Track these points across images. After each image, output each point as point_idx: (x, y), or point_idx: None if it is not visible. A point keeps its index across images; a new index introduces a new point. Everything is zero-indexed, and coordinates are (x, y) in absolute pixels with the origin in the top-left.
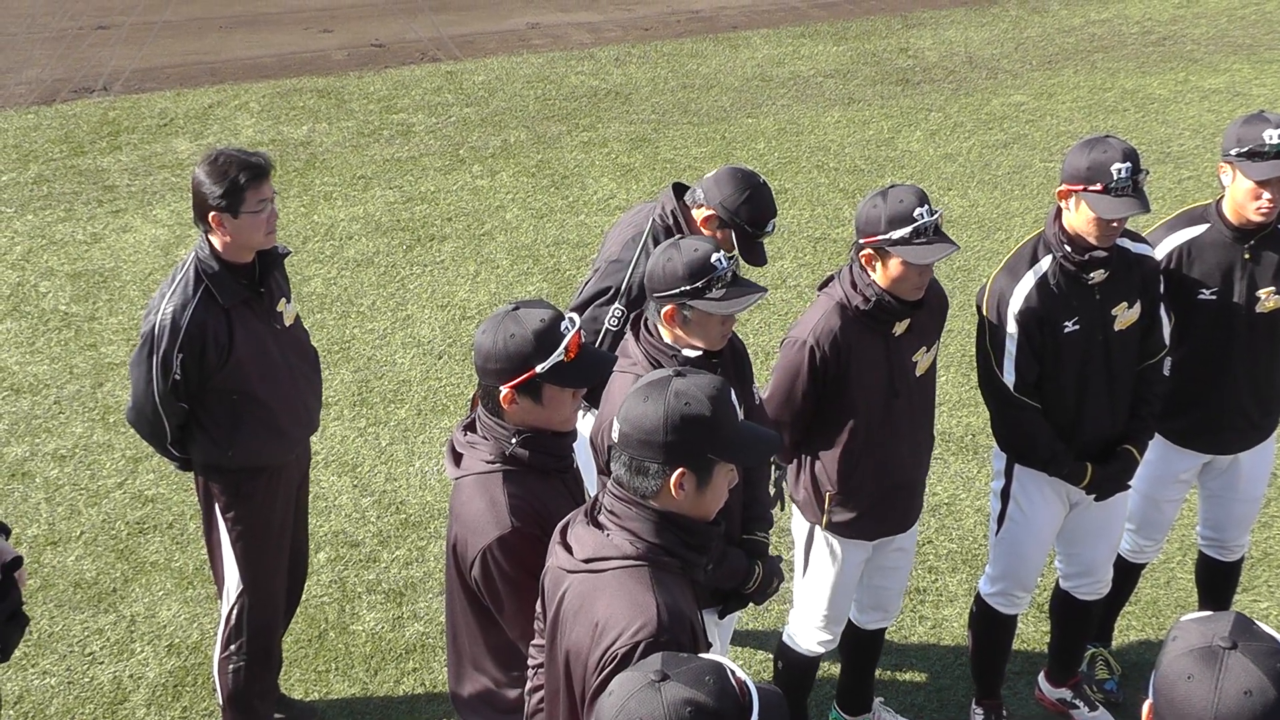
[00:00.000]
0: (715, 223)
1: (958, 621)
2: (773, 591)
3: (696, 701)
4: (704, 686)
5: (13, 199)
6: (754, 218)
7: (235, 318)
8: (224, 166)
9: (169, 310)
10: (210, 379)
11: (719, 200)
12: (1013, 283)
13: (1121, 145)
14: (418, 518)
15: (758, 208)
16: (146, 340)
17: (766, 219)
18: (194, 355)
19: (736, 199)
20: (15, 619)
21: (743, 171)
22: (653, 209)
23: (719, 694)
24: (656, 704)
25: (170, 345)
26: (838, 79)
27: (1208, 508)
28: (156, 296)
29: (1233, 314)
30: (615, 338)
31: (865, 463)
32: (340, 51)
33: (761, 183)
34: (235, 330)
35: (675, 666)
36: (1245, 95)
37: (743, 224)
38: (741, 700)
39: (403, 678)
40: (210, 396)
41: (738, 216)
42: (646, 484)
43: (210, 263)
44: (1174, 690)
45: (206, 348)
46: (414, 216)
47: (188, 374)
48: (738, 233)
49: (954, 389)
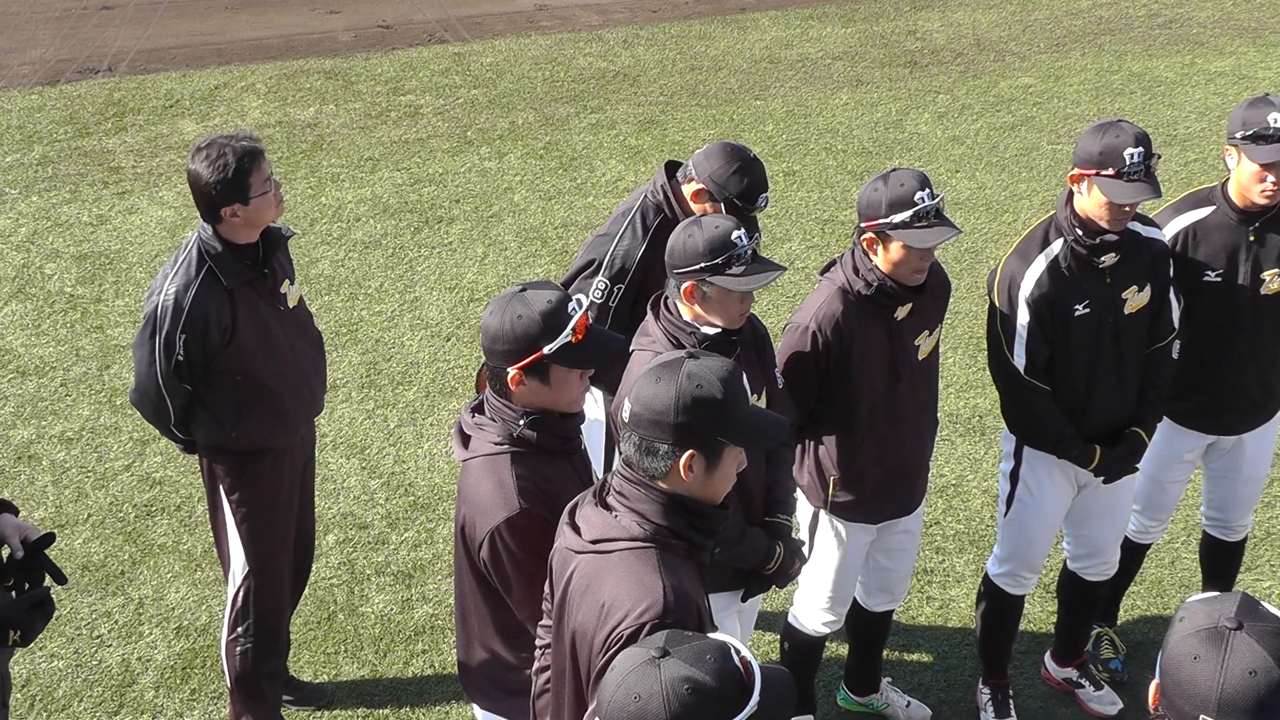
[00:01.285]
0: (705, 197)
1: (965, 602)
2: (795, 573)
3: (695, 679)
4: (704, 664)
5: (17, 180)
6: (744, 191)
7: (238, 298)
8: (220, 158)
9: (171, 291)
10: (213, 360)
11: (708, 174)
12: (1024, 266)
13: (1134, 130)
14: (426, 499)
15: (748, 182)
16: (149, 321)
17: (757, 193)
18: (197, 336)
19: (726, 172)
20: (42, 607)
21: (733, 146)
22: (647, 187)
23: (719, 673)
24: (655, 680)
25: (173, 326)
26: (846, 61)
27: (1212, 488)
28: (159, 277)
29: (1238, 296)
30: (600, 310)
31: (868, 446)
32: (347, 33)
33: (753, 157)
34: (238, 311)
35: (677, 644)
36: (1251, 78)
37: (732, 198)
38: (744, 680)
39: (412, 659)
40: (214, 378)
41: (727, 190)
42: (656, 465)
43: (213, 244)
44: (1180, 670)
45: (209, 329)
46: (422, 198)
47: (190, 355)
48: (728, 207)
49: (961, 371)
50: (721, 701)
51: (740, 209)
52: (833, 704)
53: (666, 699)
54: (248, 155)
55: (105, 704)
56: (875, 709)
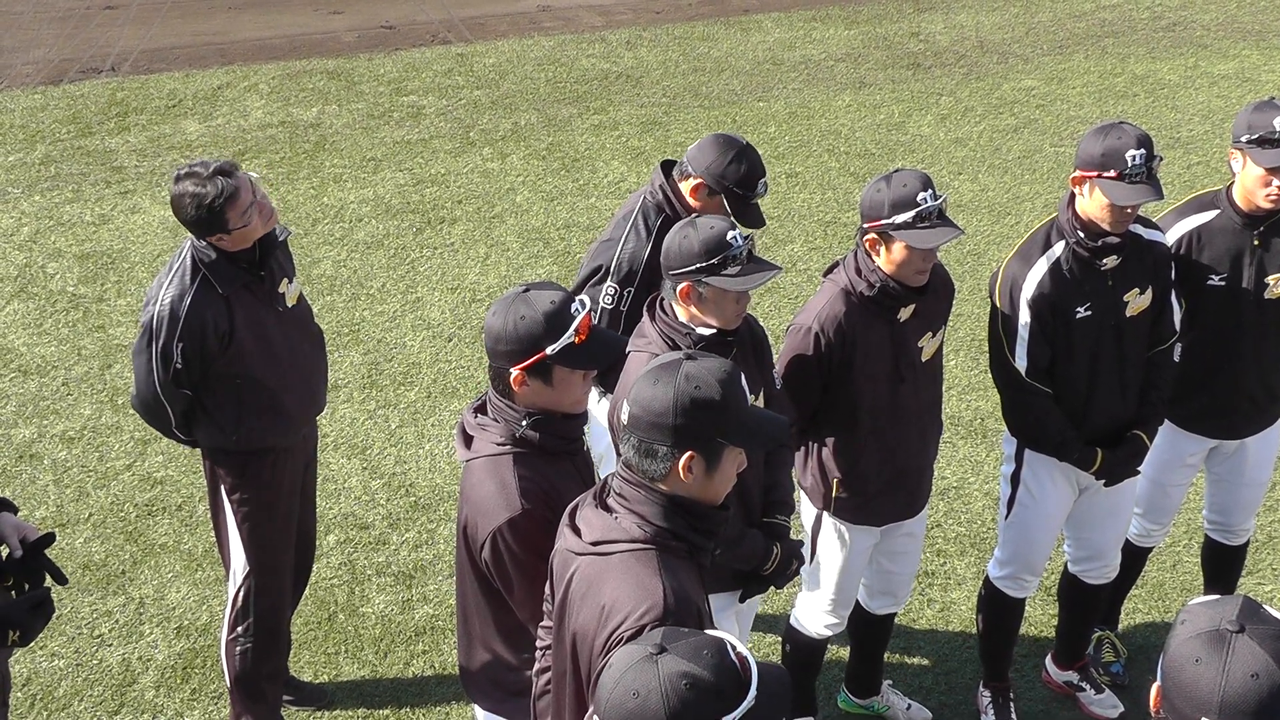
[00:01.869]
0: (704, 191)
1: (966, 605)
2: (793, 574)
3: (693, 675)
4: (701, 660)
5: (20, 180)
6: (742, 179)
7: (235, 303)
8: (193, 200)
9: (167, 300)
10: (212, 365)
11: (704, 167)
12: (1026, 268)
13: (1135, 132)
14: (427, 500)
15: (745, 169)
16: (146, 330)
17: (755, 179)
18: (194, 344)
19: (722, 163)
20: (42, 607)
21: (726, 136)
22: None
23: (716, 668)
24: (653, 676)
25: (170, 335)
26: (849, 63)
27: (1214, 492)
28: (154, 286)
29: (1241, 300)
30: (612, 315)
31: (872, 448)
32: (350, 33)
33: (746, 144)
34: (235, 316)
35: (674, 640)
36: (1255, 81)
37: (731, 187)
38: (741, 675)
39: (412, 660)
40: (213, 382)
41: (725, 180)
42: (655, 466)
43: (206, 252)
44: (1182, 673)
45: (206, 336)
46: (424, 199)
47: (189, 362)
48: (728, 197)
49: (963, 373)
50: (719, 697)
51: (741, 197)
52: (833, 706)
53: (665, 695)
54: (218, 198)
55: (105, 703)
56: (876, 711)
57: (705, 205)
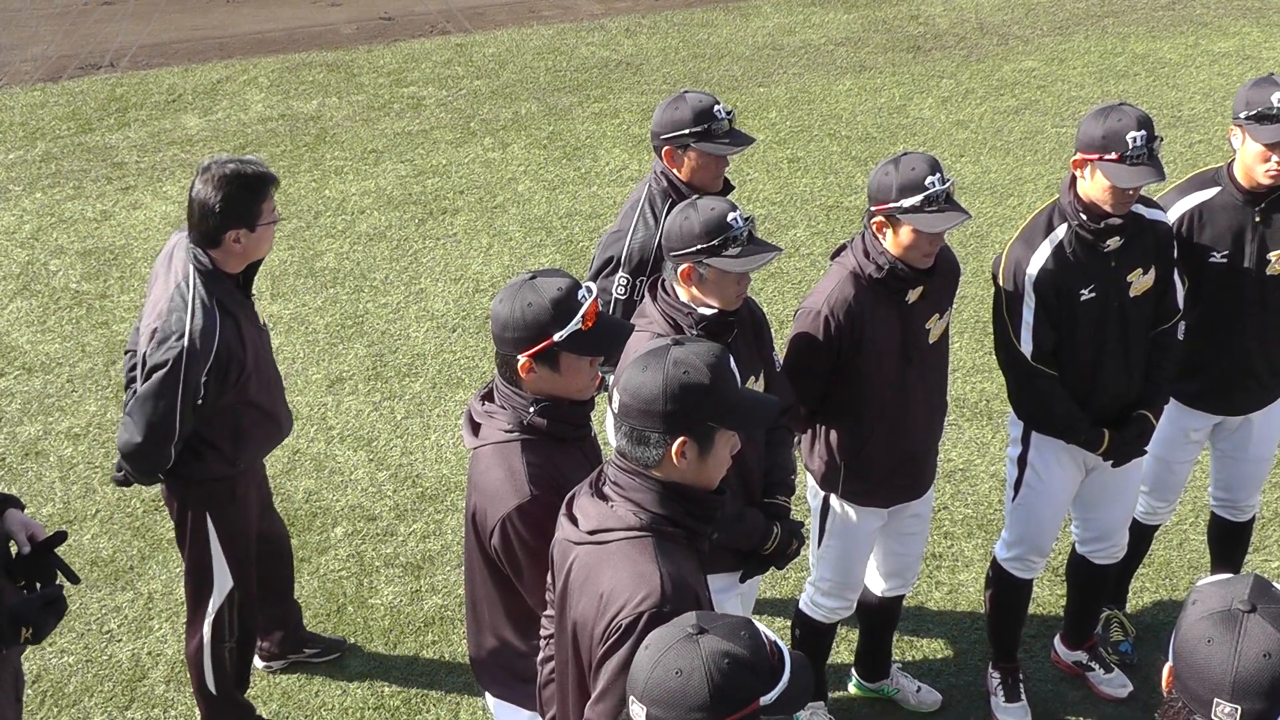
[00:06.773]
0: (679, 154)
1: (974, 586)
2: (793, 554)
3: (734, 653)
4: (740, 640)
5: (21, 177)
6: (696, 115)
7: (241, 327)
8: (230, 180)
9: (198, 332)
10: (225, 396)
11: (661, 133)
12: (1029, 252)
13: (1136, 113)
14: (434, 491)
15: (689, 106)
16: (172, 370)
17: (708, 106)
18: (219, 374)
19: (670, 116)
20: (54, 605)
21: (668, 99)
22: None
23: (754, 648)
24: (695, 655)
25: (199, 369)
26: (849, 47)
27: (1219, 468)
28: (172, 321)
29: (1243, 277)
30: (625, 305)
31: (879, 430)
32: (349, 25)
33: (686, 90)
34: (245, 341)
35: (710, 622)
36: (1255, 58)
37: (690, 128)
38: (772, 658)
39: (422, 650)
40: (212, 411)
41: (678, 128)
42: (648, 454)
43: (216, 276)
44: (1194, 654)
45: (230, 367)
46: (426, 190)
47: (208, 396)
48: (697, 138)
49: (968, 355)
50: (757, 676)
51: (707, 133)
52: (843, 690)
53: (709, 672)
54: (259, 180)
55: (116, 699)
56: (886, 694)
57: (691, 167)
